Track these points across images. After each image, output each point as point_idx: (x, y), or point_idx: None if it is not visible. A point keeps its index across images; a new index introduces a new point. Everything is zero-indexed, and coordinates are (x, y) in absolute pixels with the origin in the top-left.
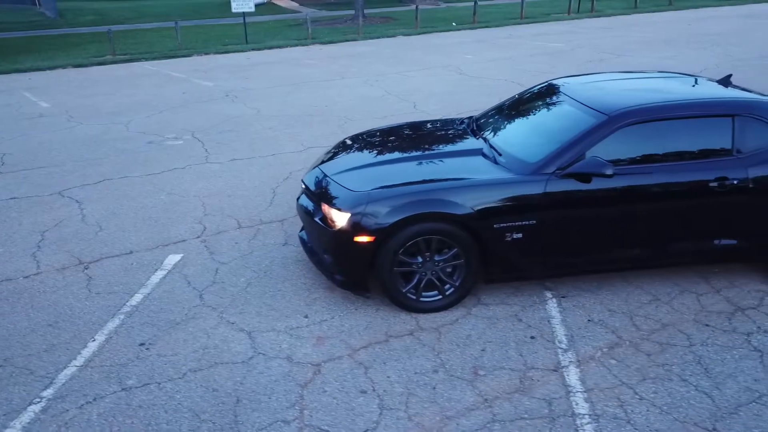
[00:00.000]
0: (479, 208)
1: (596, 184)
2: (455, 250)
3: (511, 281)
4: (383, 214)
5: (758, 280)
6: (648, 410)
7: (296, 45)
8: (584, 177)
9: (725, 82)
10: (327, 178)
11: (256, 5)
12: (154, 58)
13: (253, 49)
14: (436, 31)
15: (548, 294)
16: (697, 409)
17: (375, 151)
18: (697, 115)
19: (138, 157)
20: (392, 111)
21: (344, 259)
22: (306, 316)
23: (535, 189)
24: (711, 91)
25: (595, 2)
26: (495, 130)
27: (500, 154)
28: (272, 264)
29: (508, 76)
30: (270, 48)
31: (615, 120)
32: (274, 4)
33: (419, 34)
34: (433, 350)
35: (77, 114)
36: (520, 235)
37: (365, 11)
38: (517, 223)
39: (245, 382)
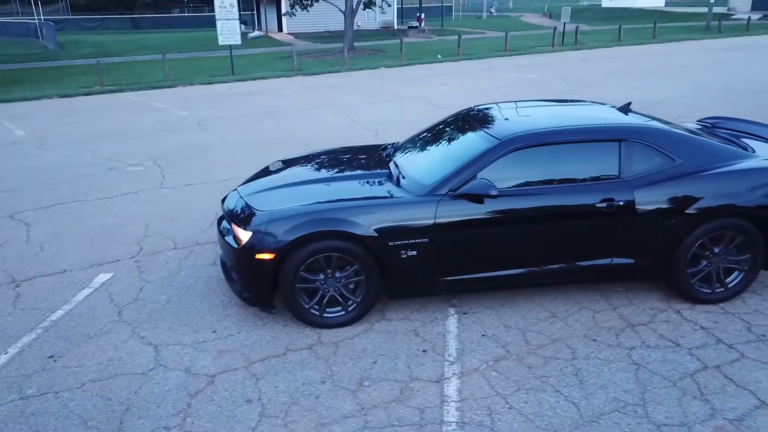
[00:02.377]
0: (375, 226)
1: (487, 206)
2: (355, 266)
3: (410, 297)
4: (283, 232)
5: (656, 298)
6: (514, 418)
7: (280, 76)
8: (475, 198)
9: (625, 109)
10: (240, 199)
11: (253, 38)
12: (139, 89)
13: (237, 80)
14: (420, 63)
15: (451, 310)
16: (561, 418)
17: (291, 174)
18: (586, 140)
19: (96, 182)
20: (354, 139)
21: (249, 276)
22: (214, 331)
23: (427, 209)
24: (607, 117)
25: (579, 36)
26: (406, 155)
27: (404, 177)
28: (196, 283)
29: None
30: (254, 79)
31: (505, 144)
32: (270, 37)
33: (403, 66)
34: (326, 363)
35: (49, 142)
36: (414, 253)
37: (356, 44)
38: (411, 241)
39: (139, 392)
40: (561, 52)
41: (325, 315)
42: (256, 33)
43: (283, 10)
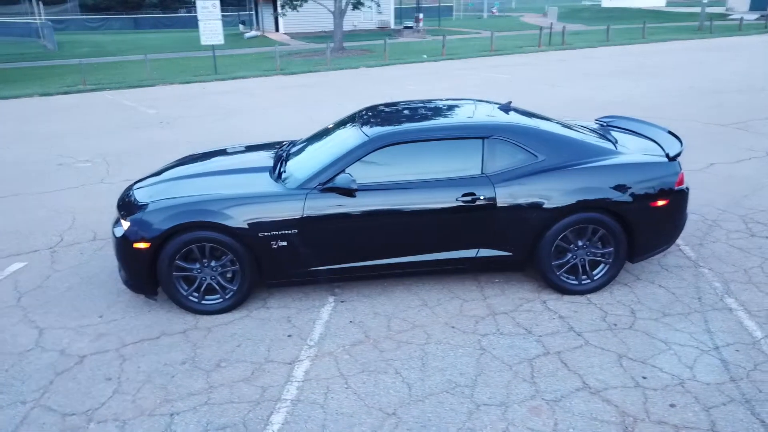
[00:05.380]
0: (246, 218)
1: (352, 200)
2: (230, 256)
3: (285, 286)
4: (157, 223)
5: (528, 290)
6: (347, 397)
7: (260, 76)
8: (340, 192)
9: (505, 107)
10: (129, 191)
11: (249, 38)
12: (119, 88)
13: (217, 80)
14: (403, 63)
15: (331, 299)
16: (390, 397)
17: (185, 169)
18: (451, 137)
19: (40, 177)
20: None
21: (129, 264)
22: (101, 316)
23: (296, 202)
24: (481, 115)
25: (568, 36)
26: (294, 151)
27: (284, 172)
28: (101, 272)
29: None
30: (234, 79)
31: (373, 141)
32: (266, 37)
33: (384, 65)
34: (193, 346)
35: (9, 139)
36: (285, 244)
37: (347, 44)
38: (280, 232)
39: (10, 370)
40: (544, 53)
41: (203, 302)
42: (253, 33)
43: (280, 11)
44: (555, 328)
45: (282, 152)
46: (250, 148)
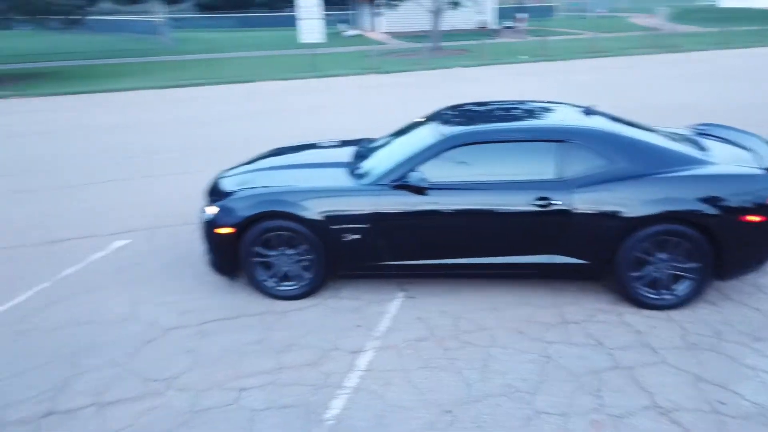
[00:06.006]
0: (319, 210)
1: (423, 198)
2: (305, 246)
3: (356, 278)
4: (240, 210)
5: (605, 301)
6: (406, 390)
7: (355, 74)
8: (412, 189)
9: (588, 111)
10: (218, 180)
11: (348, 37)
12: (221, 83)
13: (314, 77)
14: (499, 64)
15: (400, 294)
16: (448, 394)
17: (271, 160)
18: (526, 139)
19: (147, 163)
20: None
21: (213, 247)
22: (188, 294)
23: (369, 198)
24: (560, 118)
25: (677, 38)
26: (373, 148)
27: (359, 168)
28: (191, 254)
29: None
30: (330, 76)
31: (447, 140)
32: (365, 36)
33: (479, 66)
34: (267, 328)
35: (126, 127)
36: (357, 237)
37: (444, 44)
38: (352, 226)
39: (104, 336)
40: (649, 55)
41: (279, 288)
42: (352, 32)
43: (376, 10)
44: (629, 343)
45: (361, 148)
46: (338, 144)
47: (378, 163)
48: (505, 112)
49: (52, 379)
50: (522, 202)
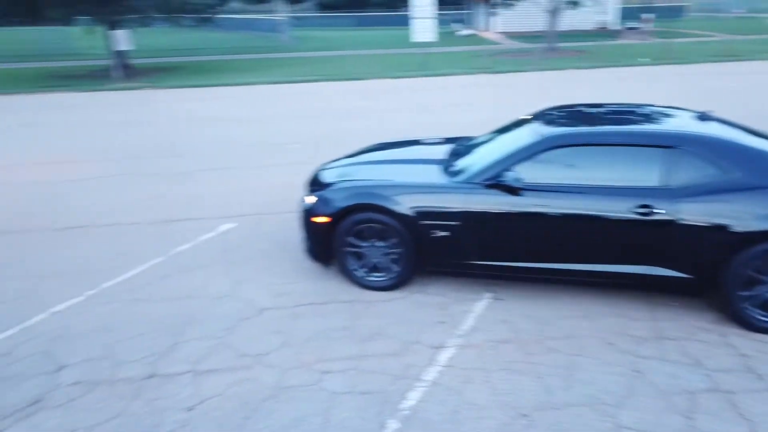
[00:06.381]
0: (411, 205)
1: (517, 199)
2: (395, 239)
3: (443, 274)
4: (336, 201)
5: (708, 319)
6: (483, 390)
7: (466, 74)
8: (506, 189)
9: (704, 116)
10: (319, 171)
11: (461, 36)
12: (337, 80)
13: (424, 76)
14: (616, 66)
15: (486, 295)
16: (527, 399)
17: (371, 155)
18: (630, 144)
19: (259, 154)
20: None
21: (310, 235)
22: (284, 277)
23: (459, 195)
24: (670, 123)
25: None
26: (469, 146)
27: (453, 166)
28: (291, 240)
29: None
30: (441, 75)
31: (546, 141)
32: (479, 35)
33: (594, 68)
34: (355, 316)
35: (242, 121)
36: (446, 234)
37: (561, 45)
38: (442, 222)
39: (206, 311)
40: None
41: (369, 278)
42: (466, 31)
43: (491, 10)
44: (731, 366)
45: (459, 146)
46: (440, 141)
47: (473, 161)
48: (612, 114)
49: (157, 345)
50: (622, 209)
